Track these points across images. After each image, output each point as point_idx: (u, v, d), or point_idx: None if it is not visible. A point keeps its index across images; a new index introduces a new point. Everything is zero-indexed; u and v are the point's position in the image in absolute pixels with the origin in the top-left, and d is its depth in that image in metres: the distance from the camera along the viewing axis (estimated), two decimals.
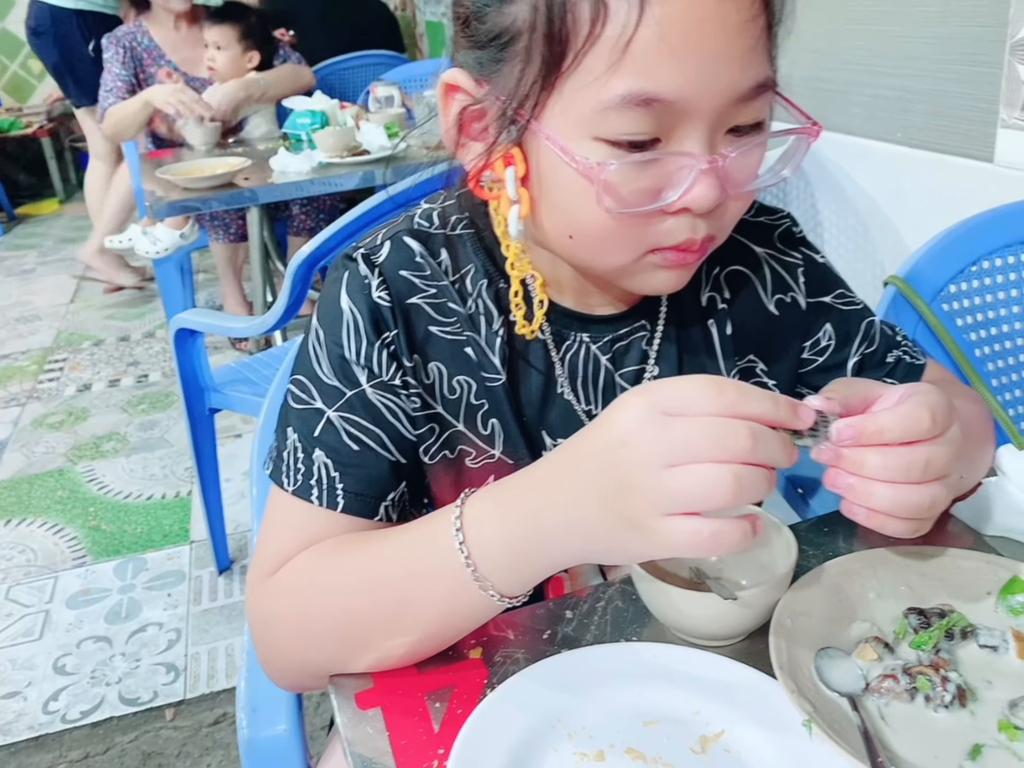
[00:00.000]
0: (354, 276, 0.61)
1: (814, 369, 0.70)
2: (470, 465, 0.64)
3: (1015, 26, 1.30)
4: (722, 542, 0.43)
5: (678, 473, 0.42)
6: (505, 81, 0.52)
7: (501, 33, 0.51)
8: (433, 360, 0.62)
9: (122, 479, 2.20)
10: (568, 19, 0.48)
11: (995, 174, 1.39)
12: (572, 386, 0.65)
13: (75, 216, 4.90)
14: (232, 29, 2.50)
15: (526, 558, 0.49)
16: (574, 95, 0.49)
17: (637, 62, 0.47)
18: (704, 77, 0.48)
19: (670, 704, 0.50)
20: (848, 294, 0.71)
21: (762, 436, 0.42)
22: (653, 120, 0.48)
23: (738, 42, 0.48)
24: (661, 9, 0.46)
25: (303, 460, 0.59)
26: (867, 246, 1.73)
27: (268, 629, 0.59)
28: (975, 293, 1.08)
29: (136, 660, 1.61)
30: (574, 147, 0.50)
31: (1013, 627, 0.53)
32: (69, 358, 2.99)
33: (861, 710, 0.47)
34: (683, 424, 0.42)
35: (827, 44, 1.70)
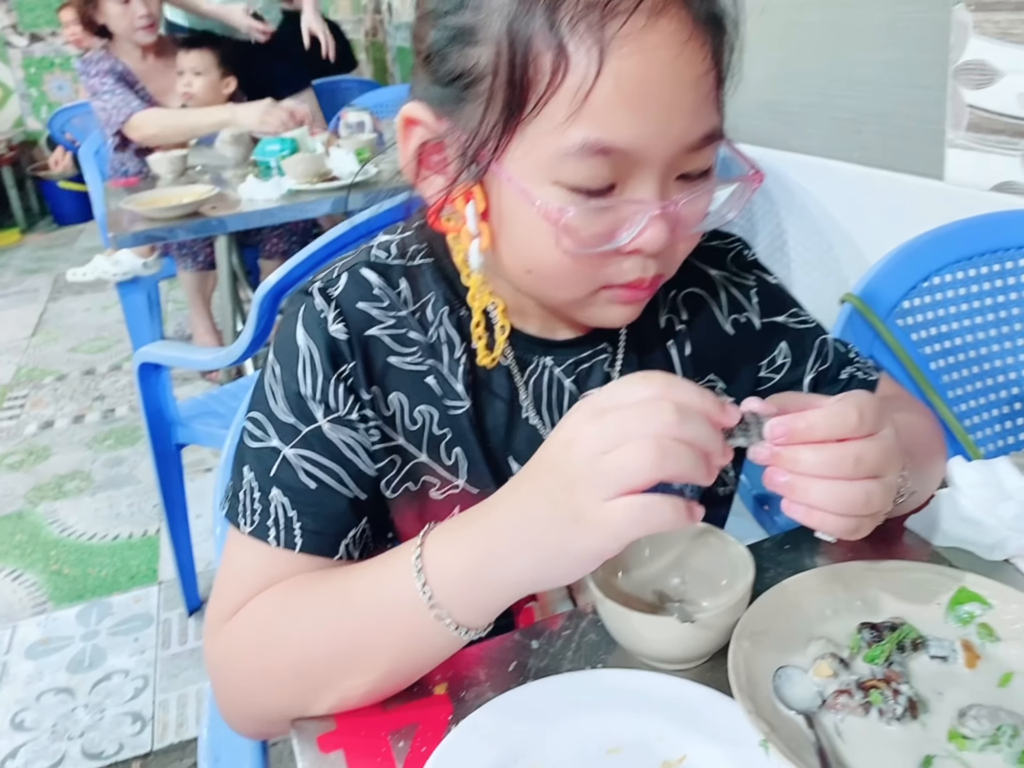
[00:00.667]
0: (310, 311, 0.61)
1: (771, 387, 0.71)
2: (434, 496, 0.64)
3: (956, 52, 1.34)
4: (655, 514, 0.44)
5: (610, 455, 0.44)
6: (467, 121, 0.53)
7: (463, 74, 0.52)
8: (393, 391, 0.62)
9: (86, 519, 2.16)
10: (530, 67, 0.49)
11: (946, 192, 1.43)
12: (537, 410, 0.65)
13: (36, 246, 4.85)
14: (210, 54, 2.49)
15: (482, 581, 0.49)
16: (534, 140, 0.51)
17: (595, 112, 0.49)
18: (658, 128, 0.50)
19: (634, 731, 0.50)
20: (801, 313, 0.73)
21: (688, 414, 0.44)
22: (609, 167, 0.51)
23: (690, 95, 0.51)
24: (619, 63, 0.48)
25: (259, 500, 0.59)
26: (831, 262, 1.76)
27: (227, 674, 0.58)
28: (928, 308, 1.10)
29: (100, 711, 1.56)
30: (534, 190, 0.52)
31: (962, 637, 0.54)
32: (30, 394, 2.94)
33: (817, 727, 0.48)
34: (614, 414, 0.45)
35: (782, 68, 1.75)
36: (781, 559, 0.63)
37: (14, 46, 5.28)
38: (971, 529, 0.62)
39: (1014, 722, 0.47)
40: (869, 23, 1.52)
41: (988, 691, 0.50)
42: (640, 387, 0.46)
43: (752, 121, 1.87)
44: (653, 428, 0.44)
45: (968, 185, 1.39)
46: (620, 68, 0.48)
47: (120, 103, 2.45)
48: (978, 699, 0.49)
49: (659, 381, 0.46)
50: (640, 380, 0.46)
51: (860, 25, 1.55)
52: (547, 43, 0.48)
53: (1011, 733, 0.46)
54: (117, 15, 2.46)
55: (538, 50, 0.49)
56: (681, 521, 0.45)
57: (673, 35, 0.49)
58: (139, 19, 2.45)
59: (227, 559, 0.61)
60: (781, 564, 0.63)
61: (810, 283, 1.84)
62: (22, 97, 5.40)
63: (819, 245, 1.79)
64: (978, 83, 1.31)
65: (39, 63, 5.35)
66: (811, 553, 0.64)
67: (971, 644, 0.53)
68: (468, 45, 0.51)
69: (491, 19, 0.50)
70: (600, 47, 0.48)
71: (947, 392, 1.10)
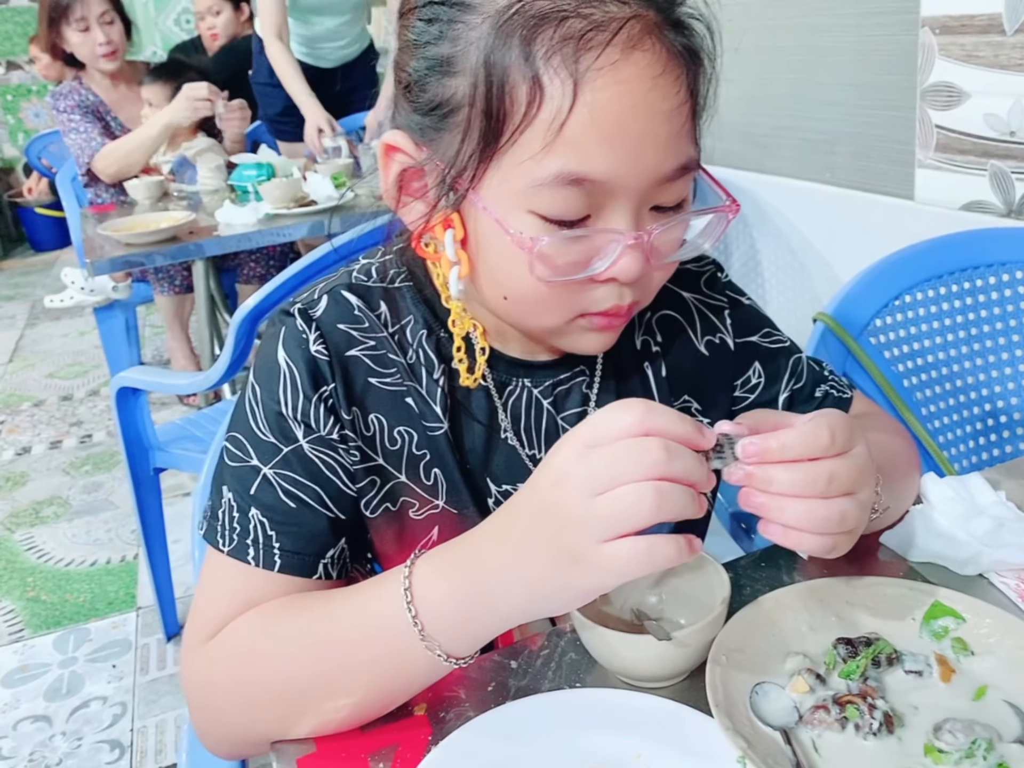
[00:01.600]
0: (291, 331, 0.61)
1: (746, 407, 0.72)
2: (414, 517, 0.64)
3: (923, 74, 1.37)
4: (659, 554, 0.44)
5: (604, 499, 0.44)
6: (445, 149, 0.54)
7: (442, 104, 0.53)
8: (373, 412, 0.62)
9: (64, 545, 2.13)
10: (506, 99, 0.50)
11: (916, 211, 1.46)
12: (516, 431, 0.65)
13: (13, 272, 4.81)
14: (166, 87, 2.50)
15: (475, 616, 0.49)
16: (510, 170, 0.52)
17: (570, 144, 0.50)
18: (632, 159, 0.51)
19: (612, 749, 0.50)
20: (775, 332, 0.74)
21: (675, 450, 0.44)
22: (584, 197, 0.51)
23: (664, 127, 0.51)
24: (593, 96, 0.49)
25: (239, 519, 0.59)
26: (804, 281, 1.79)
27: (205, 696, 0.58)
28: (900, 326, 1.12)
29: (78, 739, 1.53)
30: (509, 218, 0.53)
31: (936, 651, 0.54)
32: (7, 420, 2.91)
33: (794, 742, 0.48)
34: (602, 452, 0.45)
35: (755, 91, 1.78)
36: (757, 576, 0.64)
37: None
38: (945, 544, 0.63)
39: (989, 735, 0.47)
40: (839, 46, 1.56)
41: (963, 705, 0.50)
42: (621, 417, 0.45)
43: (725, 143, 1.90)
44: (644, 471, 0.44)
45: (938, 204, 1.41)
46: (594, 100, 0.49)
47: (83, 142, 2.48)
48: (953, 713, 0.49)
49: (639, 410, 0.45)
50: (620, 409, 0.46)
51: (830, 48, 1.58)
52: (523, 75, 0.49)
53: (986, 746, 0.47)
54: (78, 43, 2.49)
55: (514, 82, 0.49)
56: (683, 557, 0.45)
57: (647, 68, 0.50)
58: (100, 47, 2.48)
59: (205, 579, 0.60)
60: (758, 581, 0.63)
61: (783, 302, 1.87)
62: None
63: (792, 265, 1.81)
64: (945, 104, 1.35)
65: (16, 91, 5.33)
66: (787, 570, 0.64)
67: (946, 658, 0.53)
68: (446, 75, 0.52)
69: (469, 50, 0.51)
70: (574, 80, 0.48)
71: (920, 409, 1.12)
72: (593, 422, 0.46)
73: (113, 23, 2.50)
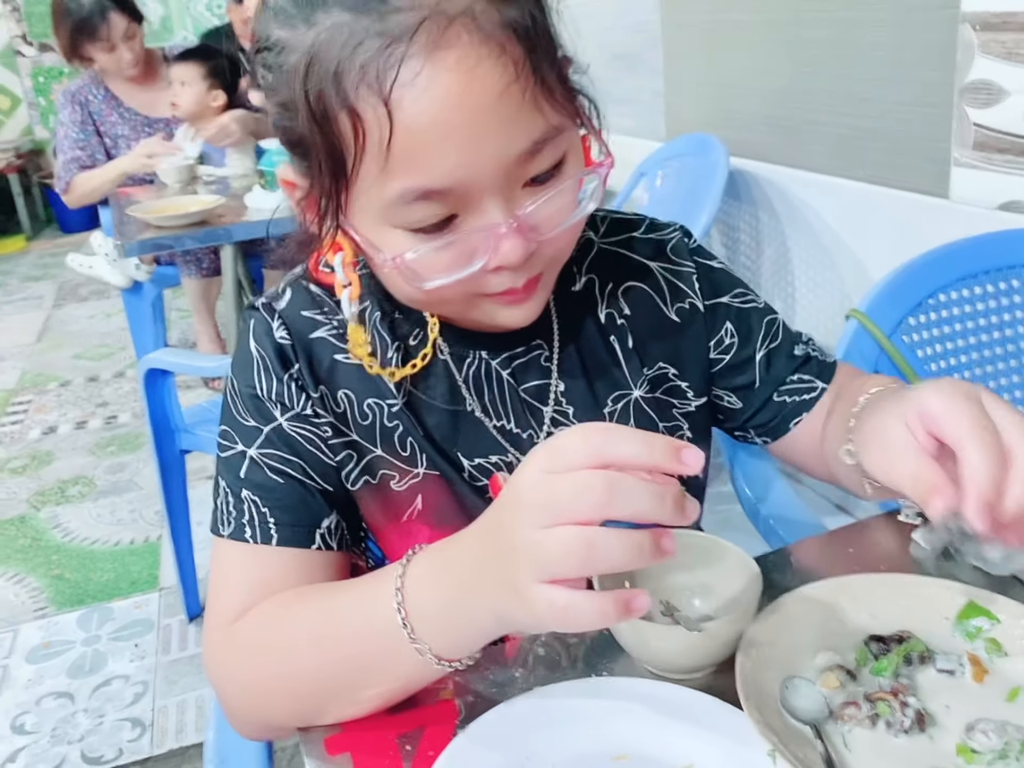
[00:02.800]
0: (259, 323, 0.64)
1: (724, 367, 0.71)
2: (396, 488, 0.65)
3: (962, 71, 1.35)
4: (572, 616, 0.42)
5: (542, 536, 0.42)
6: (312, 182, 0.54)
7: (294, 143, 0.54)
8: (342, 388, 0.64)
9: (88, 524, 2.16)
10: (335, 133, 0.50)
11: (951, 210, 1.44)
12: (481, 403, 0.65)
13: (42, 253, 4.87)
14: (198, 67, 2.52)
15: (456, 624, 0.49)
16: (363, 195, 0.52)
17: (401, 162, 0.49)
18: (470, 157, 0.49)
19: (639, 738, 0.50)
20: (748, 293, 0.73)
21: (626, 489, 0.41)
22: (440, 204, 0.51)
23: (495, 114, 0.49)
24: (406, 112, 0.48)
25: (234, 504, 0.61)
26: (835, 279, 1.77)
27: (225, 688, 0.59)
28: (934, 325, 1.11)
29: (100, 716, 1.56)
30: (379, 237, 0.53)
31: (969, 651, 0.54)
32: (34, 400, 2.95)
33: (824, 738, 0.48)
34: (551, 484, 0.42)
35: (790, 84, 1.76)
36: (787, 571, 0.64)
37: (23, 55, 5.32)
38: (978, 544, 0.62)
39: (1022, 737, 0.47)
40: (877, 41, 1.53)
41: (996, 706, 0.50)
42: (577, 445, 0.42)
43: (757, 136, 1.88)
44: (584, 511, 0.41)
45: (973, 203, 1.39)
46: (409, 116, 0.48)
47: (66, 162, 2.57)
48: (986, 714, 0.49)
49: (597, 438, 0.42)
50: (579, 435, 0.43)
51: (867, 43, 1.56)
52: (341, 109, 0.49)
53: (1020, 748, 0.46)
54: (104, 60, 2.54)
55: (335, 116, 0.50)
56: (608, 621, 0.42)
57: (458, 64, 0.48)
58: (126, 62, 2.54)
59: (214, 570, 0.62)
60: (787, 576, 0.63)
61: (813, 299, 1.85)
62: (30, 106, 5.43)
63: (823, 262, 1.80)
64: (984, 102, 1.32)
65: (48, 72, 5.38)
66: (817, 565, 0.64)
67: (979, 659, 0.53)
68: (287, 119, 0.53)
69: (293, 90, 0.51)
70: (384, 101, 0.48)
71: None
72: (553, 445, 0.43)
73: (135, 36, 2.54)
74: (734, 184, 1.98)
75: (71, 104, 2.58)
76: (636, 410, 0.68)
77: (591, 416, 0.67)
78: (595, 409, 0.68)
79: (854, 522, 0.72)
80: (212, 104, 2.55)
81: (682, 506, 0.41)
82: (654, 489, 0.41)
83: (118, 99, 2.62)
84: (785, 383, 0.71)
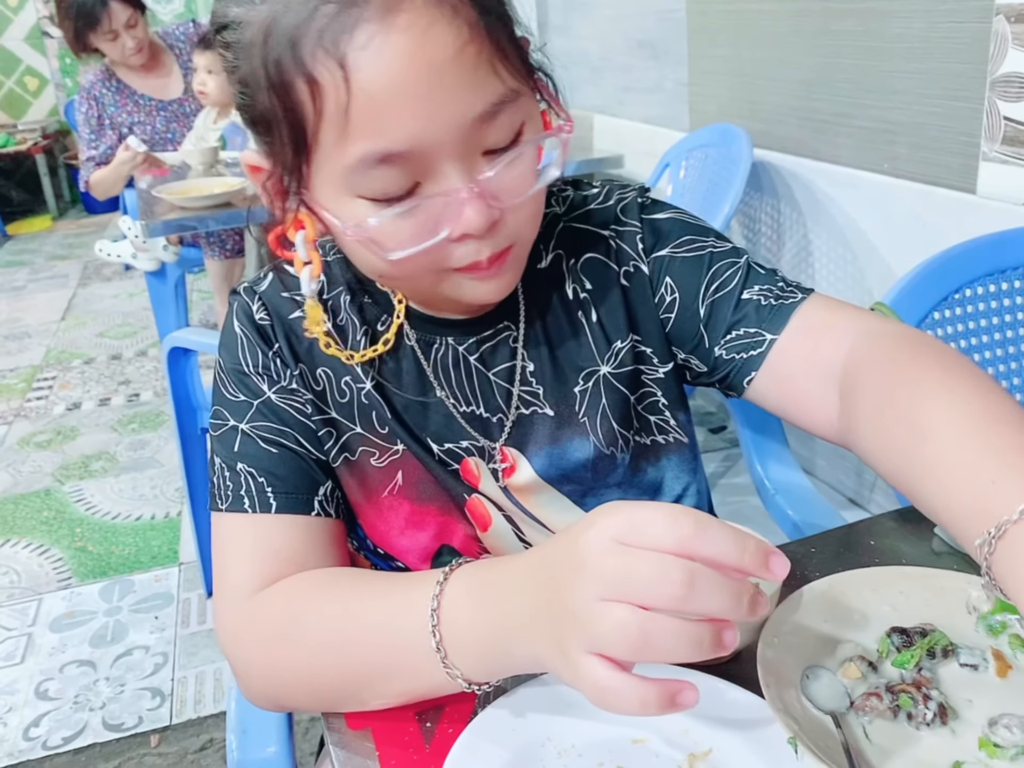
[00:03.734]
0: (241, 306, 0.66)
1: (673, 327, 0.66)
2: (376, 465, 0.65)
3: (995, 63, 1.34)
4: (612, 699, 0.40)
5: (601, 610, 0.40)
6: (274, 158, 0.55)
7: (256, 120, 0.54)
8: (320, 366, 0.65)
9: (110, 499, 2.19)
10: (294, 101, 0.50)
11: (977, 205, 1.42)
12: (449, 390, 0.65)
13: (67, 233, 4.92)
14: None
15: (492, 656, 0.48)
16: (324, 165, 0.52)
17: (360, 126, 0.49)
18: (428, 119, 0.49)
19: (659, 722, 0.51)
20: (698, 239, 0.66)
21: (704, 584, 0.39)
22: (400, 170, 0.51)
23: (450, 76, 0.49)
24: (363, 75, 0.48)
25: (230, 477, 0.61)
26: (856, 273, 1.76)
27: (241, 665, 0.59)
28: (959, 320, 1.10)
29: (121, 685, 1.59)
30: (342, 208, 0.53)
31: (993, 646, 0.54)
32: (59, 376, 2.99)
33: (844, 728, 0.48)
34: (625, 557, 0.40)
35: (816, 75, 1.74)
36: (809, 561, 0.64)
37: (51, 36, 5.35)
38: None
39: None
40: (906, 33, 1.52)
41: (1019, 701, 0.50)
42: (665, 528, 0.40)
43: (781, 128, 1.87)
44: (655, 599, 0.39)
45: (1001, 199, 1.38)
46: (366, 79, 0.48)
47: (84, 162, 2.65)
48: (1009, 709, 0.49)
49: (688, 527, 0.39)
50: (669, 518, 0.40)
51: (896, 34, 1.54)
52: (298, 77, 0.49)
53: None
54: (108, 49, 2.58)
55: (293, 85, 0.50)
56: (640, 713, 0.40)
57: (411, 26, 0.48)
58: (128, 50, 2.56)
59: (217, 544, 0.62)
60: (809, 566, 0.63)
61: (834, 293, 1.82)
62: (57, 87, 5.46)
63: (844, 256, 1.78)
64: (1016, 95, 1.31)
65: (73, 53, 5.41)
66: (839, 556, 0.64)
67: (1002, 654, 0.53)
68: (248, 96, 0.53)
69: (252, 65, 0.51)
70: (341, 65, 0.48)
71: None
72: (634, 519, 0.41)
73: (137, 25, 2.56)
74: (757, 176, 1.97)
75: (86, 101, 2.64)
76: (606, 386, 0.67)
77: (559, 395, 0.66)
78: (564, 388, 0.66)
79: (874, 515, 0.72)
80: None
81: (755, 602, 0.40)
82: (733, 590, 0.39)
83: (130, 87, 2.68)
84: (725, 336, 0.63)
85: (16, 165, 5.14)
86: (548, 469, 0.67)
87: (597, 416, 0.67)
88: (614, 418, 0.67)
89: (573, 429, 0.67)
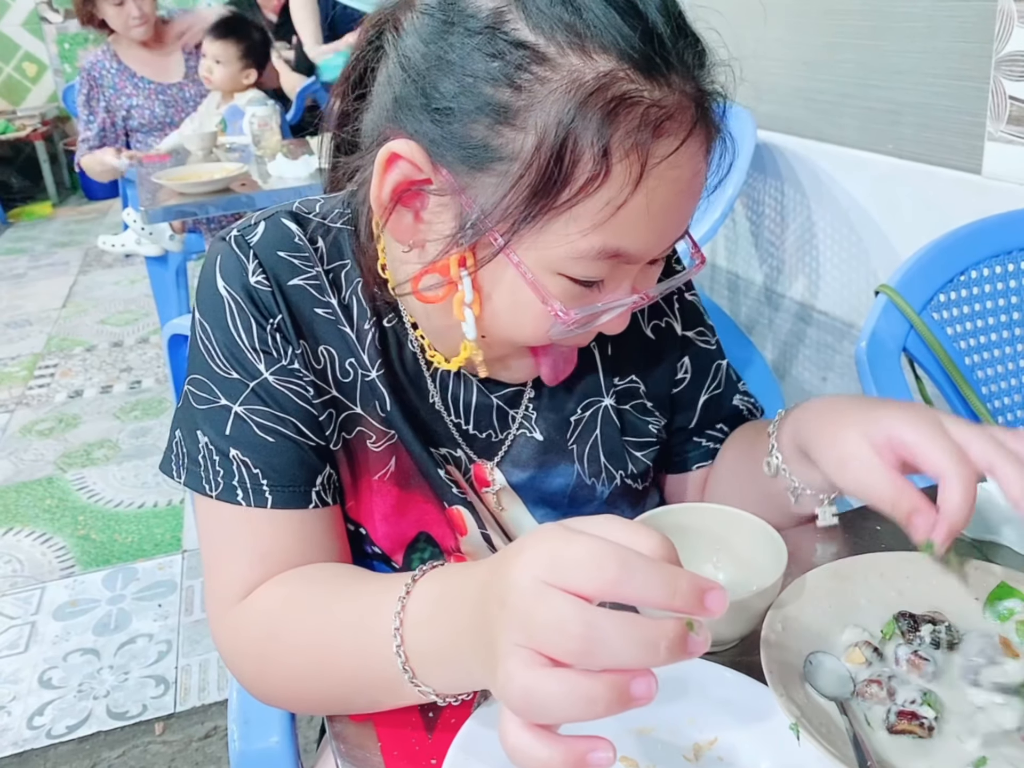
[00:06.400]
0: (227, 259, 0.59)
1: (679, 393, 0.73)
2: (372, 448, 0.63)
3: (1000, 42, 1.32)
4: (516, 760, 0.37)
5: (505, 656, 0.37)
6: (480, 191, 0.50)
7: (488, 148, 0.49)
8: (322, 344, 0.61)
9: (113, 487, 2.20)
10: (569, 169, 0.48)
11: (983, 186, 1.41)
12: (443, 398, 0.65)
13: (68, 220, 4.90)
14: (234, 46, 2.55)
15: (452, 671, 0.47)
16: (552, 234, 0.50)
17: (620, 224, 0.50)
18: (664, 237, 0.53)
19: (664, 712, 0.50)
20: (707, 333, 0.74)
21: (604, 636, 0.35)
22: (610, 266, 0.52)
23: (693, 204, 0.53)
24: (654, 183, 0.49)
25: (220, 463, 0.57)
26: (861, 255, 1.75)
27: (235, 669, 0.59)
28: (964, 302, 1.09)
29: (125, 673, 1.59)
30: (540, 278, 0.52)
31: (1000, 633, 0.53)
32: (60, 364, 2.99)
33: (849, 713, 0.48)
34: (535, 602, 0.37)
35: (820, 56, 1.72)
36: (814, 547, 0.63)
37: (49, 22, 5.31)
38: (1007, 523, 0.62)
39: None
40: (911, 12, 1.49)
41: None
42: (588, 570, 0.36)
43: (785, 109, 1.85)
44: (551, 650, 0.36)
45: (1006, 179, 1.36)
46: (653, 187, 0.49)
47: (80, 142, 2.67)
48: None
49: (612, 569, 0.36)
50: (593, 565, 0.37)
51: (901, 13, 1.52)
52: (593, 150, 0.47)
53: None
54: (112, 15, 2.58)
55: (582, 155, 0.47)
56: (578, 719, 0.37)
57: (695, 155, 0.50)
58: (132, 19, 2.57)
59: (205, 531, 0.60)
60: (814, 552, 0.63)
61: (838, 275, 1.83)
62: (56, 73, 5.43)
63: (849, 238, 1.77)
64: (1022, 75, 1.29)
65: (73, 39, 5.37)
66: (844, 542, 0.64)
67: (1009, 641, 0.53)
68: (502, 124, 0.48)
69: (540, 108, 0.47)
70: (643, 166, 0.48)
71: (982, 388, 1.09)
72: (558, 558, 0.37)
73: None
74: (760, 157, 1.95)
75: (85, 80, 2.65)
76: (604, 418, 0.68)
77: (553, 422, 0.67)
78: (559, 415, 0.67)
79: None
80: (244, 82, 2.59)
81: (683, 645, 0.36)
82: (644, 639, 0.35)
83: (130, 69, 2.67)
84: (711, 428, 0.74)
85: (16, 152, 5.12)
86: (527, 490, 0.67)
87: (587, 445, 0.68)
88: (603, 450, 0.68)
89: (560, 455, 0.68)
